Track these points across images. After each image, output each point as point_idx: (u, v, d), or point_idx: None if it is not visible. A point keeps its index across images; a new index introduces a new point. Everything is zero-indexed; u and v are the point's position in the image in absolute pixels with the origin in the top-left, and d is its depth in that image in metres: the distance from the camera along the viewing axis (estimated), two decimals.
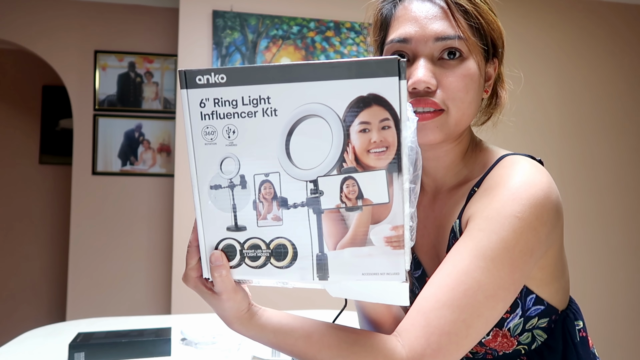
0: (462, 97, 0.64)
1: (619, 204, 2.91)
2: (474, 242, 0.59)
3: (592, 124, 2.92)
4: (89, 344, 0.89)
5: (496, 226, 0.59)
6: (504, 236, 0.59)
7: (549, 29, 2.90)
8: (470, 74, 0.64)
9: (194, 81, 0.51)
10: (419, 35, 0.64)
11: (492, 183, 0.64)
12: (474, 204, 0.64)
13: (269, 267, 0.55)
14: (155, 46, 3.14)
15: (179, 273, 2.38)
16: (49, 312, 3.70)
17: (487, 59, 0.68)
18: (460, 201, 0.69)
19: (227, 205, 0.54)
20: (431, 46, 0.63)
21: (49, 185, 3.76)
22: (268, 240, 0.54)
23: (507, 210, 0.60)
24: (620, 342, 2.84)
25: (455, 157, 0.71)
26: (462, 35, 0.63)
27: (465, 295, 0.57)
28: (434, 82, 0.63)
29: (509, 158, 0.68)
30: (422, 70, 0.62)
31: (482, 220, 0.60)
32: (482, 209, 0.62)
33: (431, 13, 0.64)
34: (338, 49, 2.58)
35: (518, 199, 0.60)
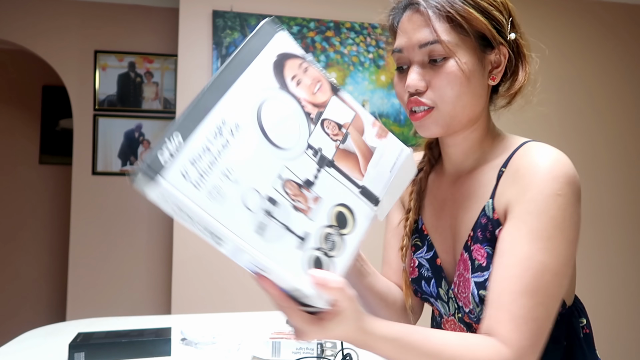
0: (448, 93, 0.70)
1: (619, 204, 2.91)
2: (527, 226, 0.64)
3: (591, 124, 2.92)
4: (89, 344, 0.89)
5: (543, 206, 0.64)
6: (552, 214, 0.64)
7: (548, 28, 2.90)
8: (451, 72, 0.69)
9: (160, 166, 0.47)
10: (407, 45, 0.72)
11: (523, 165, 0.69)
12: (509, 188, 0.69)
13: (345, 239, 0.57)
14: (155, 46, 3.14)
15: (179, 273, 2.38)
16: (49, 312, 3.70)
17: (481, 52, 0.71)
18: (487, 183, 0.73)
19: (280, 232, 0.52)
20: (418, 53, 0.71)
21: (49, 185, 3.76)
22: (327, 222, 0.56)
23: (548, 190, 0.65)
24: (620, 342, 2.84)
25: (472, 143, 0.77)
26: (437, 39, 0.69)
27: (535, 279, 0.62)
28: (422, 85, 0.70)
29: (532, 143, 0.73)
30: (411, 76, 0.71)
31: (528, 204, 0.65)
32: (522, 192, 0.67)
33: (417, 24, 0.71)
34: (338, 49, 2.58)
35: (555, 177, 0.66)
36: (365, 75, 2.60)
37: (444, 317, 0.80)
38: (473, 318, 0.73)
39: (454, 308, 0.77)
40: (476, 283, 0.70)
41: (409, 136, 2.60)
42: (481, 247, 0.71)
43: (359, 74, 2.59)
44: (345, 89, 0.64)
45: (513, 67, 0.76)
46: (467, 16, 0.69)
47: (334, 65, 2.57)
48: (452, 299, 0.77)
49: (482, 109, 0.75)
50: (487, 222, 0.71)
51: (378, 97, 2.60)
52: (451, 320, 0.79)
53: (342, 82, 2.57)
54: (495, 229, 0.70)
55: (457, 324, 0.78)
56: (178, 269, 2.38)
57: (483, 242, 0.71)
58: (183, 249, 2.40)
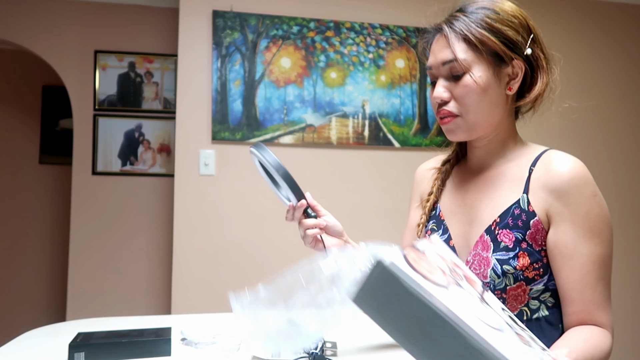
0: (467, 102, 0.85)
1: (619, 204, 2.91)
2: (581, 227, 0.80)
3: (591, 124, 2.92)
4: (89, 344, 0.89)
5: (587, 208, 0.80)
6: (596, 212, 0.81)
7: (549, 27, 2.90)
8: (467, 85, 0.84)
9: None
10: (434, 63, 0.88)
11: (556, 172, 0.83)
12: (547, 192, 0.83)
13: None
14: (155, 46, 3.14)
15: (179, 273, 2.38)
16: (49, 312, 3.70)
17: (501, 64, 0.85)
18: (517, 179, 0.86)
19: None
20: (442, 69, 0.86)
21: (49, 185, 3.76)
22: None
23: (587, 192, 0.81)
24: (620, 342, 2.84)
25: (496, 145, 0.91)
26: (455, 58, 0.84)
27: (601, 268, 0.80)
28: (446, 95, 0.86)
29: (555, 151, 0.89)
30: (437, 89, 0.87)
31: (575, 207, 0.80)
32: (565, 198, 0.81)
33: (441, 45, 0.87)
34: (338, 49, 2.58)
35: (587, 182, 0.82)
36: (365, 75, 2.60)
37: None
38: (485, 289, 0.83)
39: None
40: (499, 260, 0.83)
41: (408, 136, 2.60)
42: (510, 232, 0.83)
43: (359, 74, 2.59)
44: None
45: (531, 77, 0.89)
46: (481, 38, 0.83)
47: (334, 65, 2.57)
48: None
49: (501, 115, 0.88)
50: (521, 213, 0.84)
51: (378, 97, 2.60)
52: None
53: (342, 82, 2.57)
54: (529, 219, 0.83)
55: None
56: (178, 269, 2.38)
57: (513, 228, 0.83)
58: (183, 249, 2.40)
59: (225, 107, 2.45)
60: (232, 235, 2.44)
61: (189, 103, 2.45)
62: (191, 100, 2.45)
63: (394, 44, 2.64)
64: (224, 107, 2.45)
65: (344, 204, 2.53)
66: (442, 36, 0.87)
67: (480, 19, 0.85)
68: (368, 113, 2.58)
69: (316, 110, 2.53)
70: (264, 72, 2.50)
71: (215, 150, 2.45)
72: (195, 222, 2.42)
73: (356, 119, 2.57)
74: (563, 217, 0.81)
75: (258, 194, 2.44)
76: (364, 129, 2.57)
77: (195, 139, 2.44)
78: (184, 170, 2.42)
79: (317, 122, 2.53)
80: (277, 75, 2.51)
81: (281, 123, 2.49)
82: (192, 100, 2.46)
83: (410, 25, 2.68)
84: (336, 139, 2.54)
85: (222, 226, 2.44)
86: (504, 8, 0.87)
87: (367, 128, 2.57)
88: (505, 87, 0.87)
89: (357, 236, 2.12)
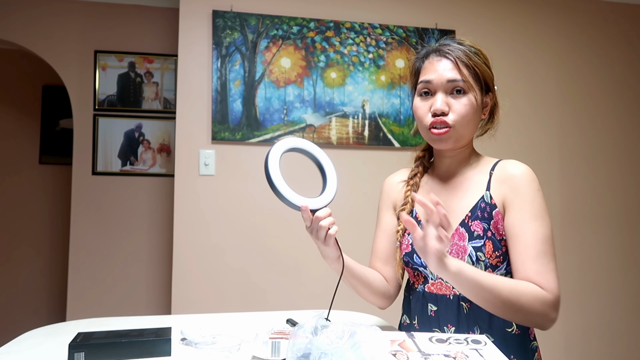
0: (463, 117, 1.02)
1: (619, 203, 2.91)
2: (527, 212, 0.98)
3: (592, 123, 2.92)
4: (89, 344, 0.89)
5: (532, 197, 0.99)
6: (539, 202, 0.99)
7: (548, 28, 2.90)
8: (469, 103, 1.02)
9: None
10: (437, 78, 1.03)
11: (509, 172, 1.02)
12: (501, 186, 1.02)
13: None
14: (155, 46, 3.14)
15: (179, 273, 2.38)
16: (49, 312, 3.70)
17: (483, 94, 1.05)
18: (480, 181, 1.05)
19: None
20: (445, 85, 1.02)
21: (49, 185, 3.76)
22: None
23: (533, 187, 1.00)
24: (620, 342, 2.84)
25: (464, 157, 1.10)
26: (464, 79, 1.01)
27: (543, 244, 0.96)
28: (447, 109, 1.01)
29: (508, 160, 1.07)
30: (439, 101, 1.01)
31: (524, 196, 0.99)
32: (516, 190, 1.00)
33: (446, 66, 1.03)
34: (338, 49, 2.58)
35: (534, 179, 1.01)
36: (365, 75, 2.59)
37: (429, 281, 1.06)
38: None
39: None
40: (474, 247, 1.00)
41: (408, 136, 2.60)
42: (480, 223, 1.01)
43: (359, 74, 2.59)
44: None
45: (491, 110, 1.10)
46: (480, 67, 1.03)
47: (334, 65, 2.57)
48: None
49: (474, 133, 1.08)
50: (486, 206, 1.02)
51: (378, 97, 2.60)
52: (438, 282, 1.05)
53: (342, 82, 2.57)
54: (492, 210, 1.01)
55: (443, 284, 1.04)
56: (178, 269, 2.38)
57: (482, 219, 1.01)
58: (183, 249, 2.40)
59: (225, 107, 2.45)
60: (232, 235, 2.44)
61: (189, 103, 2.45)
62: (191, 100, 2.46)
63: (394, 44, 2.64)
64: (224, 107, 2.45)
65: (344, 204, 2.53)
66: (446, 58, 1.03)
67: (473, 52, 1.04)
68: (368, 113, 2.58)
69: (316, 110, 2.53)
70: (264, 72, 2.50)
71: (215, 150, 2.45)
72: (195, 222, 2.42)
73: (356, 119, 2.57)
74: (514, 204, 0.99)
75: (258, 194, 2.44)
76: (364, 129, 2.57)
77: (195, 139, 2.44)
78: (184, 170, 2.43)
79: (317, 122, 2.53)
80: (277, 75, 2.51)
81: (281, 123, 2.49)
82: (192, 100, 2.46)
83: (410, 25, 2.68)
84: (336, 139, 2.54)
85: (222, 226, 2.44)
86: (482, 50, 1.07)
87: (367, 128, 2.57)
88: (481, 112, 1.06)
89: (357, 236, 2.12)
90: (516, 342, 1.00)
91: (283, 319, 1.22)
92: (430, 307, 1.05)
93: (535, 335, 1.06)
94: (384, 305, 1.17)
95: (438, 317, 1.03)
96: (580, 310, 2.79)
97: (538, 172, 1.08)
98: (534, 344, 1.04)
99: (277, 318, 1.25)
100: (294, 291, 2.46)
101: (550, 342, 2.71)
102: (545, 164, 2.80)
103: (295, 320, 1.18)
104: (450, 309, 1.02)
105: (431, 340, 0.78)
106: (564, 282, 2.78)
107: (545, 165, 2.80)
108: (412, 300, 1.10)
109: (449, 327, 1.02)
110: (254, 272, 2.45)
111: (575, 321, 2.77)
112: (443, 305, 1.02)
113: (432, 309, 1.04)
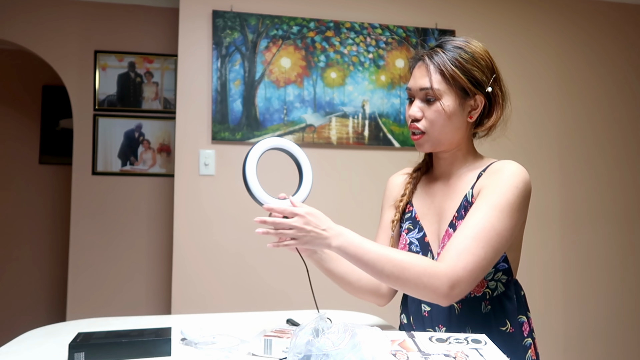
0: (435, 124, 1.03)
1: (619, 203, 2.91)
2: (488, 200, 0.94)
3: (592, 123, 2.92)
4: (89, 344, 0.89)
5: (503, 190, 0.95)
6: (508, 197, 0.94)
7: (548, 28, 2.90)
8: (437, 110, 1.02)
9: None
10: (413, 86, 1.06)
11: (495, 169, 1.00)
12: (483, 180, 1.00)
13: None
14: (155, 46, 3.14)
15: (179, 273, 2.38)
16: (49, 312, 3.70)
17: (461, 98, 1.03)
18: (470, 181, 1.05)
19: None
20: (419, 93, 1.04)
21: (49, 185, 3.76)
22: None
23: (510, 182, 0.96)
24: (619, 343, 2.84)
25: (458, 158, 1.10)
26: (432, 87, 1.02)
27: (484, 232, 0.91)
28: (419, 115, 1.04)
29: (501, 160, 1.05)
30: (413, 108, 1.05)
31: (494, 187, 0.96)
32: (491, 182, 0.97)
33: (422, 72, 1.04)
34: (338, 49, 2.58)
35: (517, 175, 0.97)
36: (365, 75, 2.60)
37: None
38: None
39: None
40: None
41: (408, 136, 2.60)
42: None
43: (359, 74, 2.59)
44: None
45: (489, 110, 1.06)
46: (453, 74, 1.01)
47: (334, 65, 2.57)
48: None
49: (462, 136, 1.06)
50: (467, 205, 1.01)
51: (378, 97, 2.60)
52: None
53: (342, 82, 2.57)
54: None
55: None
56: (178, 269, 2.38)
57: (463, 218, 1.00)
58: (183, 249, 2.40)
59: (225, 107, 2.45)
60: (232, 235, 2.44)
61: (189, 103, 2.45)
62: (191, 100, 2.46)
63: (394, 44, 2.64)
64: (224, 107, 2.45)
65: (343, 204, 2.53)
66: (424, 65, 1.04)
67: (454, 57, 1.02)
68: (368, 113, 2.58)
69: (316, 110, 2.53)
70: (264, 72, 2.50)
71: (215, 150, 2.45)
72: (195, 222, 2.42)
73: (356, 119, 2.57)
74: (482, 193, 0.97)
75: None
76: (364, 129, 2.57)
77: (195, 139, 2.44)
78: (184, 170, 2.43)
79: (317, 122, 2.53)
80: (277, 75, 2.51)
81: (281, 123, 2.49)
82: (192, 100, 2.46)
83: (410, 25, 2.68)
84: (336, 139, 2.54)
85: (222, 226, 2.44)
86: (474, 50, 1.03)
87: (367, 128, 2.58)
88: (467, 115, 1.05)
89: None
90: (508, 340, 1.01)
91: (283, 319, 1.22)
92: (424, 308, 1.06)
93: (532, 332, 1.06)
94: (381, 303, 1.18)
95: (431, 317, 1.04)
96: (580, 310, 2.79)
97: (537, 172, 1.08)
98: (527, 340, 1.04)
99: (278, 318, 1.25)
100: (294, 291, 2.46)
101: (550, 342, 2.71)
102: (545, 163, 2.80)
103: (295, 320, 1.18)
104: (441, 309, 1.02)
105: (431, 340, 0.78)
106: (563, 282, 2.78)
107: (545, 165, 2.80)
108: (408, 300, 1.12)
109: (440, 327, 1.02)
110: (254, 272, 2.45)
111: (574, 321, 2.77)
112: (435, 306, 1.03)
113: (426, 309, 1.05)
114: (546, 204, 2.77)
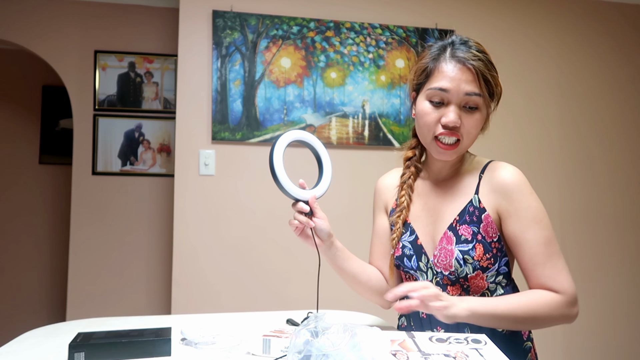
0: (473, 133, 1.00)
1: (619, 203, 2.91)
2: (526, 218, 0.97)
3: (591, 123, 2.92)
4: (89, 344, 0.89)
5: (528, 202, 0.97)
6: (535, 205, 0.98)
7: (548, 28, 2.90)
8: (480, 119, 1.00)
9: None
10: (454, 89, 0.97)
11: (500, 177, 1.00)
12: (492, 193, 1.00)
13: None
14: (155, 46, 3.14)
15: (179, 273, 2.38)
16: (49, 312, 3.70)
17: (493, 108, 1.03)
18: (470, 183, 1.04)
19: None
20: (461, 98, 0.97)
21: (49, 185, 3.76)
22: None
23: (525, 191, 0.98)
24: (619, 342, 2.84)
25: (457, 160, 1.08)
26: (482, 95, 0.97)
27: (547, 247, 0.96)
28: (459, 122, 0.97)
29: (497, 161, 1.05)
30: (453, 114, 0.97)
31: (519, 202, 0.97)
32: (509, 197, 0.98)
33: (465, 77, 0.97)
34: (338, 49, 2.58)
35: (525, 183, 0.99)
36: (365, 75, 2.60)
37: None
38: (452, 278, 1.00)
39: (432, 275, 1.04)
40: (461, 251, 0.99)
41: (409, 136, 2.60)
42: (468, 227, 1.00)
43: (359, 74, 2.59)
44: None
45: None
46: (497, 82, 1.00)
47: (334, 65, 2.57)
48: (431, 268, 1.04)
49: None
50: (474, 210, 1.00)
51: (378, 97, 2.60)
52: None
53: (342, 82, 2.57)
54: (481, 214, 0.99)
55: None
56: (178, 269, 2.38)
57: (470, 223, 1.00)
58: (183, 249, 2.40)
59: (225, 107, 2.45)
60: (232, 235, 2.44)
61: (189, 103, 2.45)
62: (191, 100, 2.45)
63: (394, 44, 2.64)
64: (224, 107, 2.45)
65: (343, 204, 2.53)
66: (466, 67, 0.96)
67: (489, 63, 0.99)
68: (368, 113, 2.58)
69: (316, 110, 2.53)
70: (264, 72, 2.50)
71: (215, 150, 2.45)
72: (195, 222, 2.42)
73: (356, 119, 2.57)
74: (510, 213, 0.98)
75: (258, 194, 2.44)
76: (364, 129, 2.57)
77: (195, 139, 2.44)
78: (184, 170, 2.43)
79: (317, 122, 2.53)
80: (277, 75, 2.51)
81: (281, 123, 2.49)
82: (192, 100, 2.46)
83: (410, 25, 2.68)
84: (336, 139, 2.54)
85: (222, 226, 2.44)
86: (489, 56, 1.01)
87: (367, 128, 2.57)
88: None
89: (357, 236, 2.12)
90: (507, 342, 1.00)
91: (283, 319, 1.22)
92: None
93: (531, 335, 1.06)
94: (386, 305, 1.16)
95: (430, 319, 1.03)
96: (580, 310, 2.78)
97: (537, 172, 1.09)
98: (527, 344, 1.04)
99: (278, 318, 1.25)
100: (294, 291, 2.46)
101: (550, 342, 2.71)
102: (545, 163, 2.80)
103: (295, 320, 1.18)
104: None
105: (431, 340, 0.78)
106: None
107: (545, 164, 2.80)
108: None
109: (438, 330, 1.02)
110: (254, 272, 2.45)
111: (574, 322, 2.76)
112: None
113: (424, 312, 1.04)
114: (545, 204, 2.77)
